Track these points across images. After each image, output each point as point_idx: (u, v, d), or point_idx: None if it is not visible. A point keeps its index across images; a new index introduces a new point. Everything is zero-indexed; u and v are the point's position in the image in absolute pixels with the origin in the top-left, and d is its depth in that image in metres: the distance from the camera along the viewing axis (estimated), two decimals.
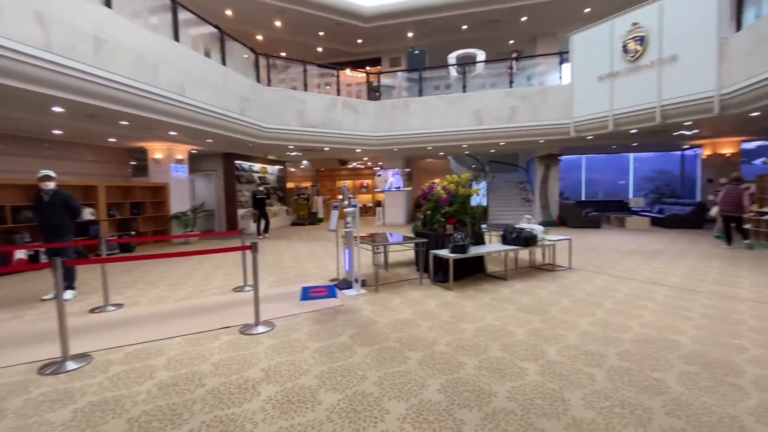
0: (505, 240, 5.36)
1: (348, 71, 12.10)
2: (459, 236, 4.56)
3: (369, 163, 17.37)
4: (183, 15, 7.01)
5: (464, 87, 10.70)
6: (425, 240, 5.03)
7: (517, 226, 5.42)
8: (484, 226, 5.99)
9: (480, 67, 11.73)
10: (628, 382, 2.27)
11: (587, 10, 11.21)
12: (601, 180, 19.44)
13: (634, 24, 8.02)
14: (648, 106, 7.81)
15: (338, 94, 10.62)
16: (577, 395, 2.13)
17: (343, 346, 2.91)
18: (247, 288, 4.71)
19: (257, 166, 13.33)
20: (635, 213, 12.65)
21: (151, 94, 5.87)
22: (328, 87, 11.07)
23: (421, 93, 11.05)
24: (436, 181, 5.79)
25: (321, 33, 12.63)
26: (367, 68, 13.26)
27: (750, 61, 6.23)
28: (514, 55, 11.28)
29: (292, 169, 17.18)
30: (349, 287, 4.56)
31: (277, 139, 9.55)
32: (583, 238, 8.97)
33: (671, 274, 5.21)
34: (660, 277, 5.00)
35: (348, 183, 18.98)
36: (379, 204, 15.04)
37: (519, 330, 3.19)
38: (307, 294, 4.41)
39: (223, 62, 7.97)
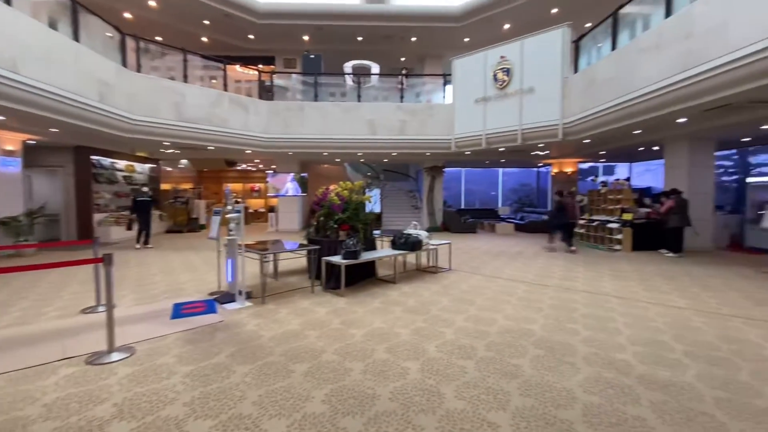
0: (394, 245, 5.61)
1: (238, 67, 11.32)
2: (351, 242, 4.60)
3: (261, 166, 16.46)
4: None
5: (359, 97, 10.97)
6: (317, 247, 4.94)
7: (405, 231, 5.73)
8: (376, 232, 6.17)
9: (374, 79, 12.19)
10: (493, 370, 2.56)
11: (466, 39, 12.62)
12: (477, 191, 21.97)
13: (502, 57, 9.31)
14: (512, 128, 9.13)
15: (225, 90, 9.82)
16: (451, 388, 2.31)
17: (219, 367, 2.63)
18: (101, 308, 3.95)
19: (122, 164, 11.44)
20: (503, 220, 14.61)
21: None
22: (213, 81, 10.17)
23: (316, 98, 10.95)
24: (331, 187, 5.76)
25: (206, 22, 11.56)
26: (260, 66, 12.59)
27: (584, 98, 7.78)
28: (403, 72, 12.02)
29: (168, 169, 15.23)
30: (232, 301, 4.19)
31: (148, 134, 8.35)
32: (461, 242, 9.95)
33: (528, 272, 6.11)
34: (520, 275, 5.82)
35: (237, 186, 17.66)
36: (272, 209, 14.32)
37: (404, 331, 3.34)
38: (179, 311, 3.91)
39: (76, 38, 6.66)
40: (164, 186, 13.86)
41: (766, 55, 4.19)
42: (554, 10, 10.73)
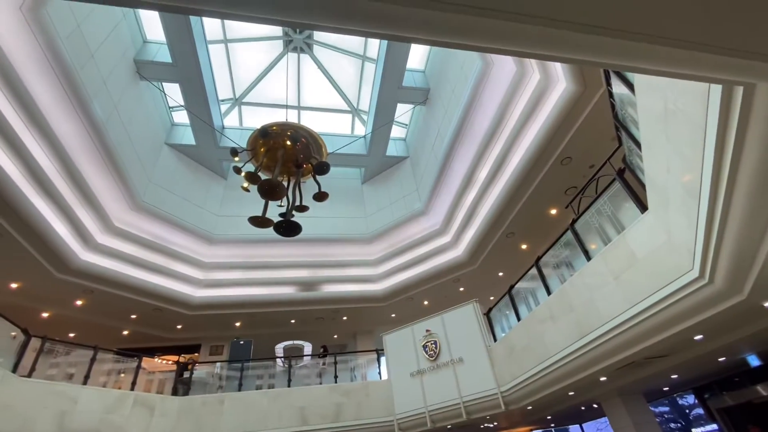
0: None
1: (156, 359, 10.47)
2: None
3: None
4: None
5: (289, 381, 10.23)
6: None
7: None
8: None
9: (307, 359, 11.87)
10: None
11: (393, 315, 13.83)
12: None
13: (428, 330, 10.01)
14: (453, 402, 8.70)
15: (133, 388, 8.58)
16: None
17: None
18: None
19: None
20: None
21: None
22: (122, 375, 9.02)
23: (240, 387, 9.94)
24: None
25: (133, 316, 11.44)
26: (182, 356, 11.82)
27: (510, 365, 8.11)
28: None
29: None
30: None
31: None
32: None
33: None
34: None
35: None
36: None
37: None
38: None
39: None
40: None
41: (628, 326, 5.04)
42: (461, 289, 12.81)
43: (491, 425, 10.75)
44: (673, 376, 8.49)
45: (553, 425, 15.66)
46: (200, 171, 12.73)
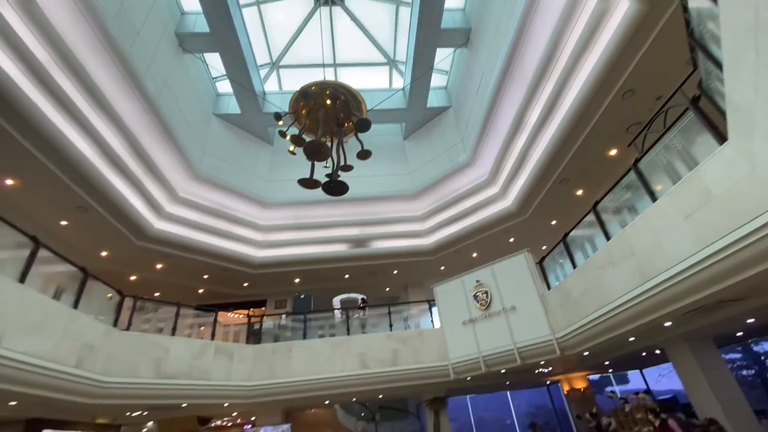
0: None
1: (229, 313, 11.65)
2: None
3: (239, 420, 14.39)
4: (44, 252, 6.43)
5: (348, 330, 10.98)
6: None
7: None
8: None
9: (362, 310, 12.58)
10: None
11: (442, 267, 14.02)
12: (490, 418, 19.17)
13: (478, 281, 10.08)
14: (507, 348, 8.87)
15: (212, 338, 9.71)
16: None
17: None
18: None
19: None
20: None
21: None
22: (202, 328, 10.18)
23: (305, 336, 10.85)
24: None
25: (206, 276, 12.66)
26: (251, 310, 13.04)
27: (566, 312, 8.02)
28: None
29: None
30: None
31: (121, 397, 7.54)
32: None
33: None
34: None
35: None
36: None
37: None
38: None
39: (76, 305, 6.96)
40: None
41: (700, 268, 4.68)
42: (511, 239, 12.57)
43: (546, 370, 10.90)
44: (748, 321, 7.93)
45: (611, 370, 15.55)
46: (248, 138, 13.21)
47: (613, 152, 9.10)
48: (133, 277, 11.95)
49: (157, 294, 12.96)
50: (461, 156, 12.32)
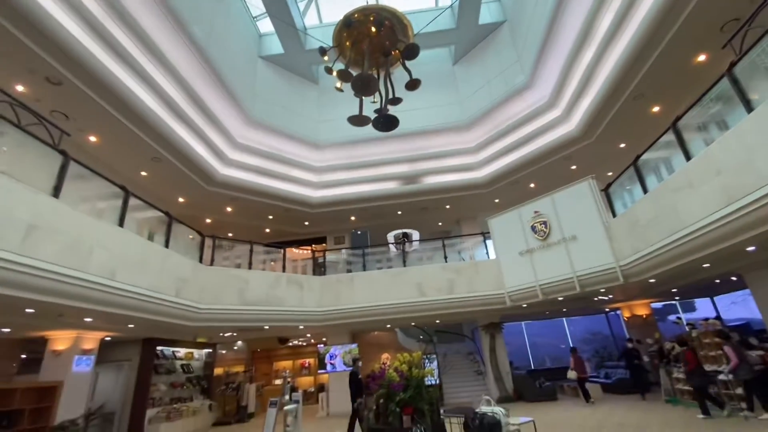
0: (467, 429, 4.80)
1: (294, 249, 12.64)
2: (419, 430, 4.01)
3: (312, 340, 16.29)
4: (133, 201, 7.28)
5: (404, 262, 11.49)
6: None
7: (478, 410, 4.98)
8: (441, 411, 5.42)
9: (417, 244, 12.97)
10: None
11: (497, 200, 13.71)
12: (544, 344, 19.74)
13: (536, 212, 9.80)
14: (566, 276, 8.81)
15: (283, 271, 10.71)
16: None
17: None
18: None
19: (182, 352, 11.79)
20: (588, 380, 12.50)
21: (77, 279, 5.42)
22: (273, 263, 11.23)
23: (365, 268, 11.57)
24: (386, 360, 5.45)
25: (270, 217, 13.62)
26: (313, 246, 14.00)
27: (632, 239, 7.64)
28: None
29: (224, 352, 15.39)
30: None
31: (213, 320, 8.83)
32: (544, 414, 8.38)
33: None
34: None
35: (287, 364, 17.13)
36: (322, 389, 13.38)
37: None
38: None
39: (167, 245, 7.95)
40: (217, 371, 13.73)
41: None
42: (573, 167, 11.77)
43: (606, 298, 10.76)
44: None
45: (677, 298, 14.96)
46: (294, 79, 13.14)
47: (702, 58, 7.77)
48: (208, 220, 13.21)
49: (230, 234, 14.30)
50: (518, 78, 11.31)
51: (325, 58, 6.47)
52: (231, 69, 10.34)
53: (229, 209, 12.68)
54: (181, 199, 11.62)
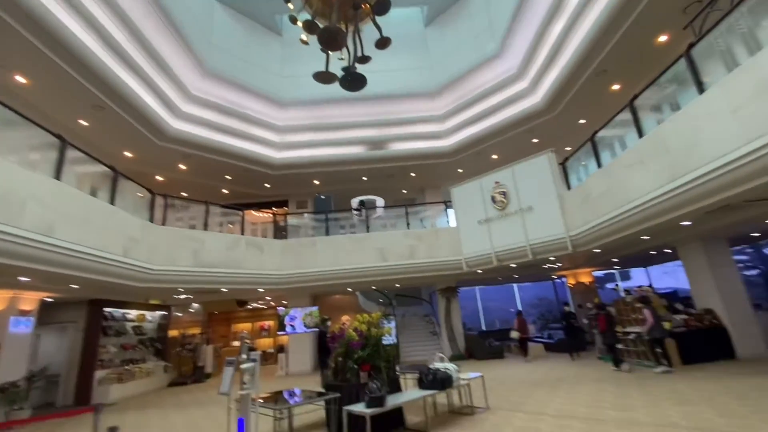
0: (422, 384, 5.06)
1: (254, 212, 12.22)
2: (375, 386, 4.16)
3: (272, 303, 16.25)
4: (73, 153, 6.60)
5: (368, 228, 11.53)
6: (337, 395, 4.47)
7: (431, 366, 5.25)
8: (397, 368, 5.66)
9: (380, 211, 13.00)
10: None
11: (460, 170, 13.90)
12: (495, 308, 21.08)
13: (497, 182, 10.06)
14: (520, 245, 9.25)
15: (242, 234, 10.39)
16: None
17: None
18: None
19: (134, 313, 11.36)
20: (531, 340, 13.57)
21: (7, 235, 4.91)
22: (231, 226, 10.84)
23: (327, 233, 11.49)
24: (346, 321, 5.54)
25: (228, 177, 12.98)
26: (274, 209, 13.62)
27: (583, 211, 8.09)
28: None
29: (179, 314, 15.01)
30: None
31: (165, 282, 8.47)
32: (492, 371, 9.04)
33: (576, 403, 5.36)
34: (569, 409, 5.09)
35: (246, 326, 17.09)
36: (281, 350, 13.54)
37: None
38: None
39: (112, 201, 7.37)
40: (172, 333, 13.44)
41: (736, 165, 4.48)
42: (534, 140, 12.08)
43: (554, 266, 11.50)
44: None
45: (617, 268, 16.31)
46: (255, 29, 12.17)
47: (664, 38, 8.04)
48: (159, 178, 12.36)
49: (184, 194, 13.53)
50: (489, 45, 11.17)
51: (290, 5, 5.99)
52: (184, 11, 9.34)
53: (182, 167, 11.91)
54: (128, 154, 10.72)
